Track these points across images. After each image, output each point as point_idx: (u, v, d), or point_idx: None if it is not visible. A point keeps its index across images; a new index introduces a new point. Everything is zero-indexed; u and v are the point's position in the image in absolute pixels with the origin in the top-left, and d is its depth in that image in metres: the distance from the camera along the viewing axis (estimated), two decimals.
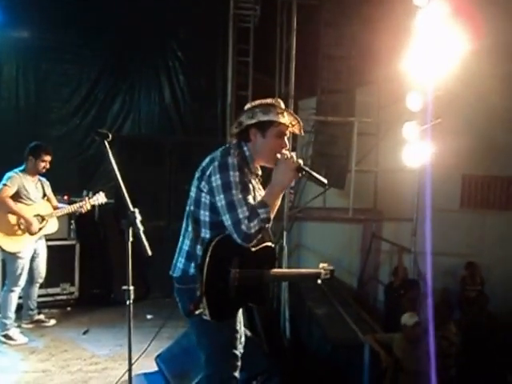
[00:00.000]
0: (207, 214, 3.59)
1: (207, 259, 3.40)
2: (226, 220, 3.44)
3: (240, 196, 3.45)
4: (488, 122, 9.79)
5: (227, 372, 3.74)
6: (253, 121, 3.65)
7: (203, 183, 3.57)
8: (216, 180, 3.48)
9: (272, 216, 3.55)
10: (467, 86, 8.82)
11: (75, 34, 10.13)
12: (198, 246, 3.58)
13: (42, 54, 10.10)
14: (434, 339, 6.54)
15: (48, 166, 6.99)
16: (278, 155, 3.63)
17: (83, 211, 7.13)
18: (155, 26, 10.27)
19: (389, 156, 9.41)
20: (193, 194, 3.68)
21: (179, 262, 3.74)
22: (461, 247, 10.55)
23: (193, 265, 3.61)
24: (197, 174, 3.67)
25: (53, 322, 7.49)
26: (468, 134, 9.55)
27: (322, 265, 4.03)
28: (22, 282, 6.84)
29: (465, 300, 9.88)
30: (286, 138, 3.74)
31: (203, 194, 3.58)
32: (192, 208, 3.67)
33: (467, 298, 9.98)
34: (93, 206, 7.34)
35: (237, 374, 3.79)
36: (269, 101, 3.74)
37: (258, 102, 3.76)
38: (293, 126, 3.78)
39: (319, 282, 4.01)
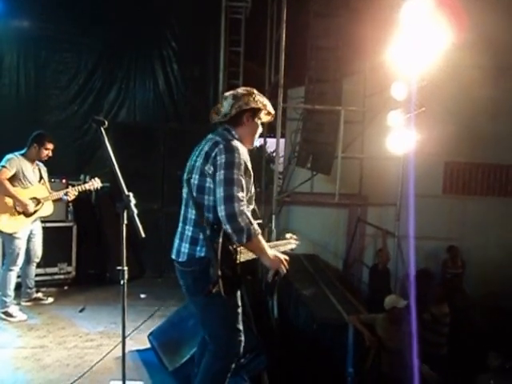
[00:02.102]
0: (211, 198, 3.69)
1: (220, 242, 3.54)
2: (219, 192, 3.55)
3: (241, 177, 3.61)
4: (470, 112, 10.02)
5: (234, 346, 3.93)
6: (248, 107, 3.87)
7: (208, 165, 3.68)
8: (221, 159, 3.61)
9: (248, 241, 3.60)
10: (450, 77, 9.03)
11: (73, 24, 10.22)
12: (201, 231, 3.70)
13: (41, 43, 10.20)
14: (417, 320, 6.77)
15: (51, 154, 7.14)
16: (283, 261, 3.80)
17: (69, 199, 7.24)
18: (150, 16, 10.39)
19: (374, 143, 9.55)
20: (195, 181, 3.76)
21: (183, 247, 3.82)
22: (442, 231, 10.83)
23: (198, 248, 3.73)
24: (199, 160, 3.77)
25: (50, 299, 7.59)
26: (450, 123, 9.79)
27: (288, 235, 4.35)
28: (20, 261, 6.96)
29: (446, 282, 10.13)
30: None
31: (208, 179, 3.68)
32: (195, 195, 3.75)
33: (448, 280, 10.26)
34: (89, 191, 7.49)
35: (241, 348, 3.97)
36: (247, 88, 3.97)
37: (242, 89, 3.99)
38: (268, 114, 4.05)
39: (288, 249, 4.31)
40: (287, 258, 3.84)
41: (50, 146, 7.07)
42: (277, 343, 7.53)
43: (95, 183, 7.31)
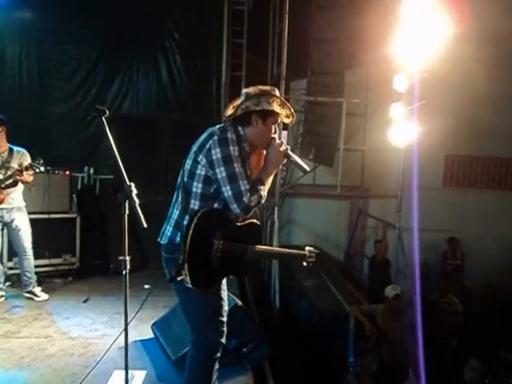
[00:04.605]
0: (200, 185, 3.69)
1: (191, 229, 3.49)
2: (226, 191, 3.53)
3: (241, 169, 3.59)
4: (471, 104, 10.07)
5: (214, 338, 3.90)
6: (257, 108, 3.75)
7: (201, 156, 3.66)
8: (216, 153, 3.56)
9: (266, 194, 3.73)
10: (452, 69, 9.06)
11: (76, 15, 10.24)
12: (186, 216, 3.67)
13: (44, 35, 10.23)
14: (421, 311, 6.88)
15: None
16: (275, 140, 3.82)
17: (23, 179, 6.79)
18: (153, 7, 10.36)
19: (376, 135, 9.64)
20: (188, 166, 3.76)
21: (167, 229, 3.81)
22: (443, 223, 10.90)
23: (179, 234, 3.71)
24: (194, 148, 3.76)
25: (45, 297, 7.34)
26: (452, 116, 9.85)
27: (308, 248, 4.12)
28: None
29: (445, 273, 10.20)
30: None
31: (199, 167, 3.68)
32: (185, 179, 3.76)
33: (447, 271, 10.33)
34: (94, 181, 7.37)
35: (223, 340, 3.95)
36: (266, 88, 3.86)
37: (260, 88, 3.85)
38: (287, 117, 3.93)
39: (305, 264, 4.10)
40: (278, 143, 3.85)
41: None
42: (278, 333, 7.60)
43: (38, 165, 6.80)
